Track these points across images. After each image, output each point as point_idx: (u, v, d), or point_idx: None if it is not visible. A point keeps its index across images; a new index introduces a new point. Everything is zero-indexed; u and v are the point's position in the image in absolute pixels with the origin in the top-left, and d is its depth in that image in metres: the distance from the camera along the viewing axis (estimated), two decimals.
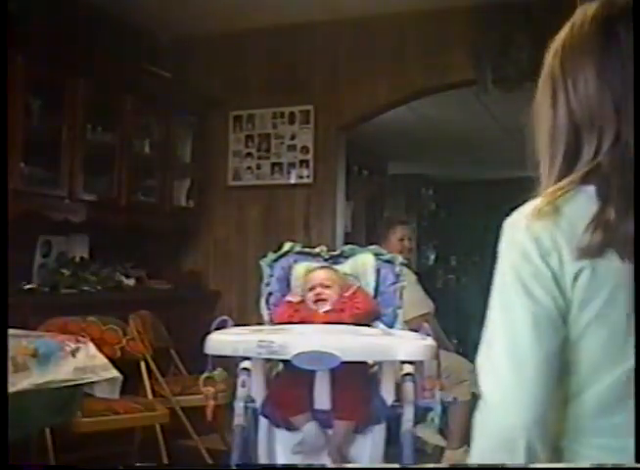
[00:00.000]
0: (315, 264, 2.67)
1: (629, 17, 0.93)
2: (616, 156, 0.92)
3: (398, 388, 2.35)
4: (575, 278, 0.90)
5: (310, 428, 2.34)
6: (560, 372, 0.92)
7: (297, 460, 2.38)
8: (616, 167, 0.91)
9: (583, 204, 0.92)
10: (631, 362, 0.89)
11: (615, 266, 0.89)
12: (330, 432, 2.38)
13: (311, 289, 2.55)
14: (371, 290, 2.63)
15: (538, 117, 1.01)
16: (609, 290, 0.90)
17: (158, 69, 4.36)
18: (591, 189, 0.92)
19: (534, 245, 0.91)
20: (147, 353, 3.49)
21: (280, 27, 4.50)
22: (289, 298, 2.56)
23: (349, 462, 2.38)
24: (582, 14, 0.97)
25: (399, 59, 4.33)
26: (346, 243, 3.40)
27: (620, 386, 0.91)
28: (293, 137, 4.52)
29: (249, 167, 4.64)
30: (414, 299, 3.50)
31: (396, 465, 2.32)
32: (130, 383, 3.11)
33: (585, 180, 0.93)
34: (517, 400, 0.90)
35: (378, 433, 2.37)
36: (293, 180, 4.53)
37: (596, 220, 0.90)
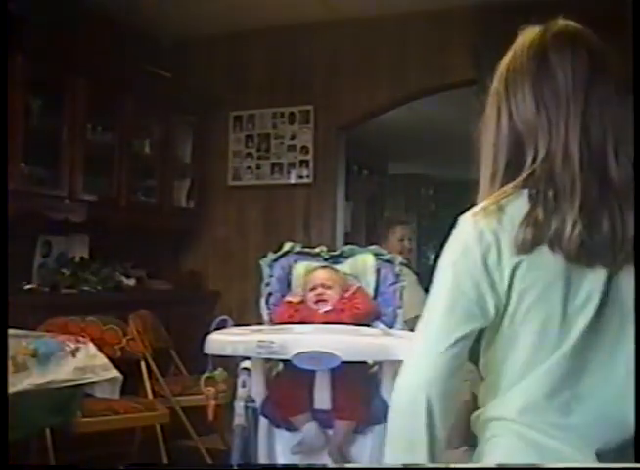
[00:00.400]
0: (315, 264, 2.67)
1: (560, 42, 1.10)
2: (546, 166, 1.05)
3: None
4: (514, 270, 1.03)
5: (310, 428, 2.34)
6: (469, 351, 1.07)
7: (297, 461, 2.38)
8: (545, 175, 1.05)
9: (522, 205, 1.04)
10: (563, 352, 1.03)
11: (548, 259, 1.02)
12: (330, 432, 2.38)
13: (312, 289, 2.55)
14: (371, 290, 2.63)
15: (486, 129, 1.16)
16: (545, 280, 1.03)
17: (158, 69, 4.36)
18: (530, 192, 1.05)
19: (477, 240, 1.04)
20: (147, 353, 3.49)
21: (280, 27, 4.50)
22: (288, 298, 2.56)
23: (350, 462, 2.38)
24: (522, 40, 1.13)
25: (399, 59, 4.33)
26: (346, 243, 3.40)
27: (559, 368, 1.03)
28: (293, 137, 4.52)
29: (249, 167, 4.64)
30: (414, 299, 3.49)
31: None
32: (130, 383, 3.11)
33: (524, 185, 1.06)
34: (420, 365, 1.08)
35: (378, 433, 2.37)
36: (293, 180, 4.53)
37: (527, 219, 1.02)
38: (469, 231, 1.06)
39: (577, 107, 1.05)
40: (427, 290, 4.06)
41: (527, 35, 1.14)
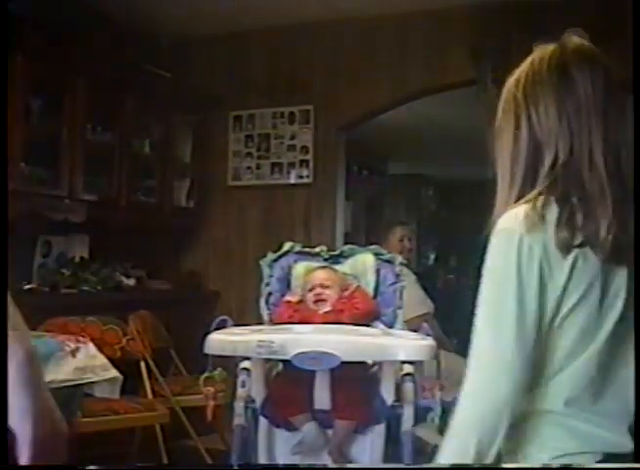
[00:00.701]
0: (315, 264, 2.67)
1: (580, 58, 1.17)
2: (570, 171, 1.13)
3: (398, 388, 2.35)
4: (562, 273, 1.09)
5: (310, 428, 2.34)
6: (533, 363, 1.10)
7: (297, 461, 2.38)
8: (572, 181, 1.12)
9: (554, 210, 1.11)
10: (598, 344, 1.10)
11: (589, 260, 1.09)
12: (330, 432, 2.38)
13: (311, 289, 2.55)
14: (371, 290, 2.63)
15: (501, 139, 1.22)
16: (587, 280, 1.09)
17: (158, 69, 4.36)
18: (556, 196, 1.12)
19: (528, 256, 1.09)
20: (147, 353, 3.49)
21: (280, 27, 4.50)
22: (287, 297, 2.56)
23: (350, 461, 2.38)
24: (540, 54, 1.20)
25: (399, 59, 4.33)
26: (346, 243, 3.40)
27: (590, 365, 1.11)
28: (292, 137, 4.52)
29: (248, 167, 4.64)
30: (414, 299, 3.51)
31: (396, 465, 2.32)
32: (130, 383, 3.11)
33: (549, 190, 1.13)
34: (499, 387, 1.09)
35: (378, 433, 2.38)
36: (292, 180, 4.53)
37: (565, 223, 1.09)
38: (517, 246, 1.10)
39: (598, 118, 1.14)
40: (426, 290, 4.07)
41: (544, 50, 1.21)
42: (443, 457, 1.13)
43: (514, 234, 1.10)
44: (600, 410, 1.12)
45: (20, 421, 0.96)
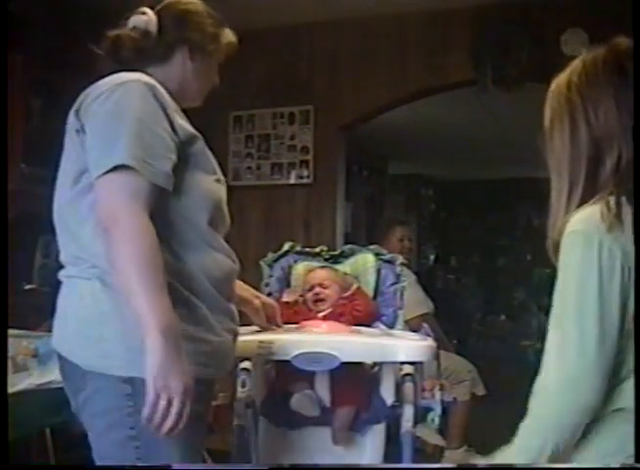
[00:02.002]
0: (315, 264, 2.67)
1: (631, 57, 1.18)
2: (631, 170, 1.13)
3: (398, 388, 2.35)
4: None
5: (303, 396, 2.33)
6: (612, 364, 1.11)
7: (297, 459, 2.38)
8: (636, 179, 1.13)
9: (629, 211, 1.11)
10: None
11: None
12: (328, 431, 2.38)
13: (310, 289, 2.55)
14: (371, 290, 2.63)
15: (553, 142, 1.22)
16: None
17: None
18: (627, 195, 1.12)
19: (608, 258, 1.09)
20: None
21: (280, 27, 4.50)
22: (284, 298, 2.55)
23: (354, 443, 2.37)
24: (592, 56, 1.22)
25: (399, 59, 4.32)
26: (346, 243, 3.40)
27: None
28: (292, 137, 4.52)
29: (249, 168, 4.64)
30: (413, 299, 3.51)
31: (396, 465, 2.32)
32: None
33: (618, 190, 1.13)
34: (582, 386, 1.09)
35: (378, 433, 2.38)
36: (292, 180, 4.52)
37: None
38: (597, 251, 1.10)
39: None
40: (426, 290, 4.06)
41: (595, 53, 1.23)
42: (517, 455, 1.12)
43: (592, 236, 1.11)
44: None
45: None
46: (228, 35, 1.87)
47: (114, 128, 1.51)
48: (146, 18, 1.78)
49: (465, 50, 4.06)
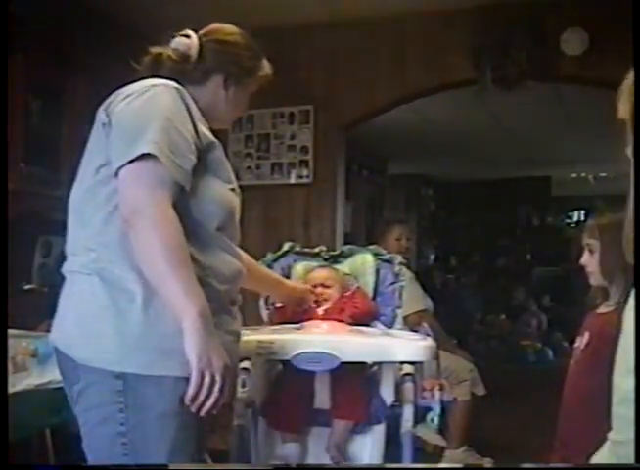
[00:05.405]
0: (315, 264, 2.67)
1: None
2: None
3: (398, 388, 2.35)
4: None
5: (292, 448, 2.36)
6: None
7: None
8: None
9: None
10: None
11: None
12: (328, 430, 2.38)
13: (312, 288, 2.54)
14: (370, 290, 2.63)
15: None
16: None
17: None
18: None
19: None
20: None
21: (280, 28, 4.49)
22: (277, 304, 2.54)
23: (349, 460, 2.38)
24: None
25: (399, 59, 4.32)
26: (346, 243, 3.40)
27: None
28: (292, 137, 4.52)
29: (248, 167, 4.64)
30: (410, 296, 3.49)
31: (396, 465, 2.32)
32: None
33: None
34: None
35: (378, 433, 2.37)
36: (292, 180, 4.52)
37: None
38: None
39: None
40: (424, 288, 4.06)
41: None
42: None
43: None
44: None
45: None
46: (265, 68, 1.92)
47: (142, 122, 1.55)
48: (189, 42, 1.85)
49: (465, 50, 4.06)
